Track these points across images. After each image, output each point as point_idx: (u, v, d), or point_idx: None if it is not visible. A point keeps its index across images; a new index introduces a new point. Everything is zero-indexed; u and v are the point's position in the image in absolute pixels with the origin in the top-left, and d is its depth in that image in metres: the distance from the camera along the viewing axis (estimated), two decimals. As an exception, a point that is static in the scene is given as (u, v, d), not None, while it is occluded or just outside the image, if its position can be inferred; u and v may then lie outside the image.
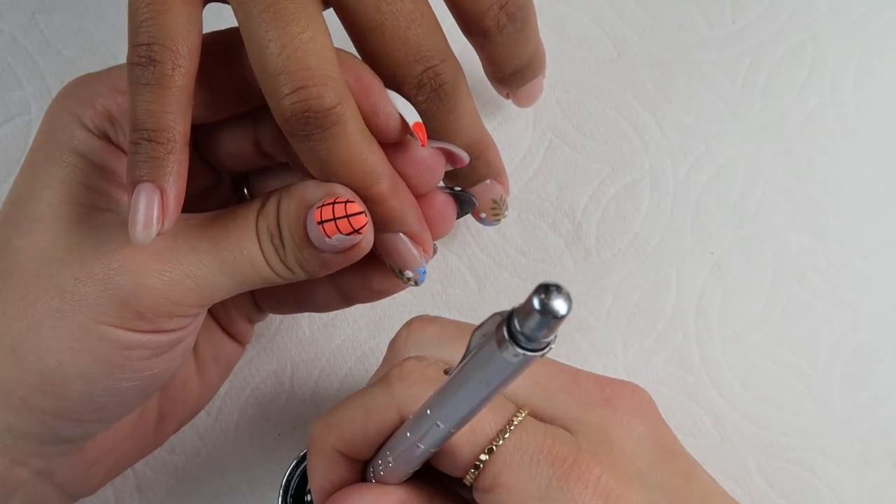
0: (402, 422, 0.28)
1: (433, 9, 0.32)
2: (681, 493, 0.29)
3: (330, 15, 0.30)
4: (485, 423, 0.28)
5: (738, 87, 0.43)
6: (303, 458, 0.37)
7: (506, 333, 0.19)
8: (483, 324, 0.21)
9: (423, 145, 0.31)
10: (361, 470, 0.31)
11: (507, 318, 0.19)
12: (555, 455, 0.28)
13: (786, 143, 0.43)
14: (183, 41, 0.28)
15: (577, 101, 0.43)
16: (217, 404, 0.40)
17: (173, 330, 0.31)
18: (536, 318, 0.19)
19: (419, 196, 0.32)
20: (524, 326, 0.19)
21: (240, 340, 0.38)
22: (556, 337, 0.19)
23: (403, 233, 0.32)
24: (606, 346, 0.41)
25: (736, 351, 0.41)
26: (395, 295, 0.41)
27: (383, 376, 0.30)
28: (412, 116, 0.30)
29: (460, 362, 0.22)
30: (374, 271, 0.34)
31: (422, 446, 0.26)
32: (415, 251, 0.32)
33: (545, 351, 0.20)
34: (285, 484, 0.36)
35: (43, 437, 0.31)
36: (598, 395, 0.30)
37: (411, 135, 0.31)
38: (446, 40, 0.32)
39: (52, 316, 0.29)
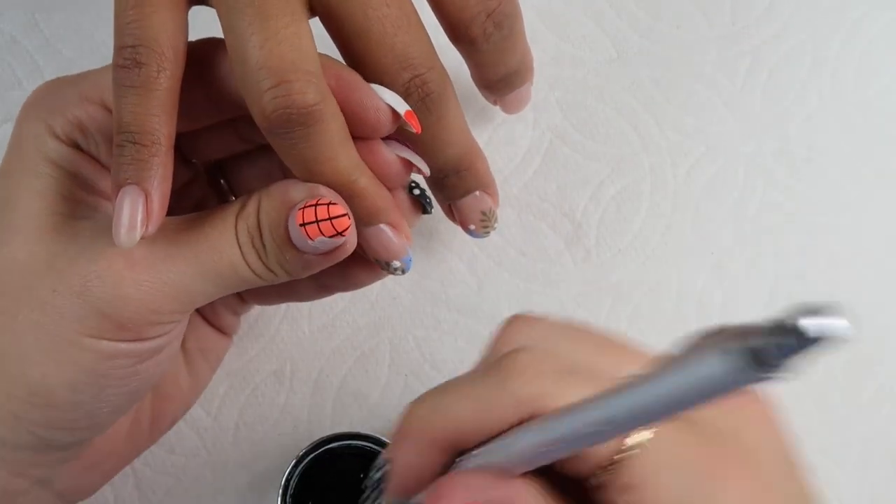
0: (518, 420, 0.26)
1: (420, 15, 0.31)
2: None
3: (315, 24, 0.30)
4: None
5: (738, 87, 0.43)
6: (302, 458, 0.37)
7: (752, 354, 0.17)
8: (708, 335, 0.19)
9: (417, 132, 0.30)
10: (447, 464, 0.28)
11: (762, 336, 0.17)
12: (700, 457, 0.25)
13: (786, 143, 0.43)
14: (168, 43, 0.28)
15: (577, 101, 0.43)
16: (217, 404, 0.40)
17: (156, 337, 0.30)
18: (799, 343, 0.16)
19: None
20: (775, 348, 0.16)
21: (226, 332, 0.37)
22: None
23: (386, 223, 0.31)
24: (606, 346, 0.41)
25: (736, 351, 0.40)
26: (395, 295, 0.41)
27: (494, 367, 0.27)
28: (401, 106, 0.30)
29: (660, 367, 0.20)
30: (353, 265, 0.33)
31: (559, 447, 0.24)
32: (399, 240, 0.32)
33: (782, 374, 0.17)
34: (285, 484, 0.36)
35: (37, 448, 0.31)
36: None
37: (404, 124, 0.30)
38: (433, 47, 0.31)
39: (33, 329, 0.29)
